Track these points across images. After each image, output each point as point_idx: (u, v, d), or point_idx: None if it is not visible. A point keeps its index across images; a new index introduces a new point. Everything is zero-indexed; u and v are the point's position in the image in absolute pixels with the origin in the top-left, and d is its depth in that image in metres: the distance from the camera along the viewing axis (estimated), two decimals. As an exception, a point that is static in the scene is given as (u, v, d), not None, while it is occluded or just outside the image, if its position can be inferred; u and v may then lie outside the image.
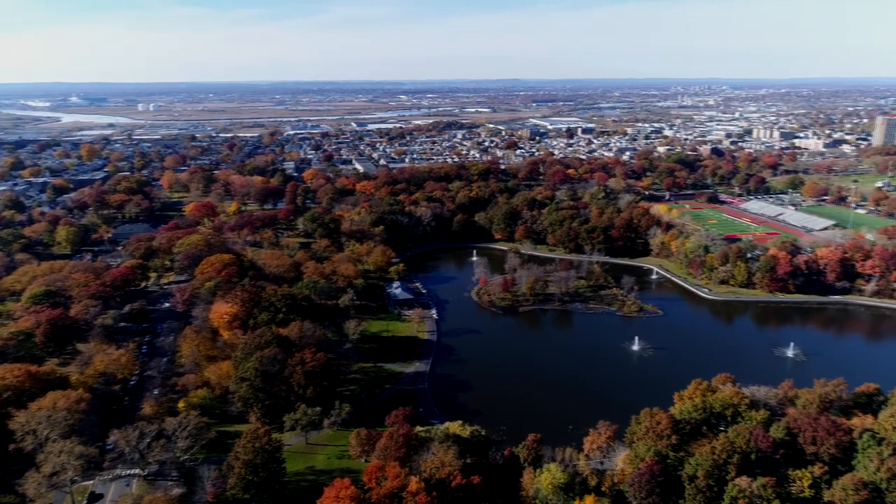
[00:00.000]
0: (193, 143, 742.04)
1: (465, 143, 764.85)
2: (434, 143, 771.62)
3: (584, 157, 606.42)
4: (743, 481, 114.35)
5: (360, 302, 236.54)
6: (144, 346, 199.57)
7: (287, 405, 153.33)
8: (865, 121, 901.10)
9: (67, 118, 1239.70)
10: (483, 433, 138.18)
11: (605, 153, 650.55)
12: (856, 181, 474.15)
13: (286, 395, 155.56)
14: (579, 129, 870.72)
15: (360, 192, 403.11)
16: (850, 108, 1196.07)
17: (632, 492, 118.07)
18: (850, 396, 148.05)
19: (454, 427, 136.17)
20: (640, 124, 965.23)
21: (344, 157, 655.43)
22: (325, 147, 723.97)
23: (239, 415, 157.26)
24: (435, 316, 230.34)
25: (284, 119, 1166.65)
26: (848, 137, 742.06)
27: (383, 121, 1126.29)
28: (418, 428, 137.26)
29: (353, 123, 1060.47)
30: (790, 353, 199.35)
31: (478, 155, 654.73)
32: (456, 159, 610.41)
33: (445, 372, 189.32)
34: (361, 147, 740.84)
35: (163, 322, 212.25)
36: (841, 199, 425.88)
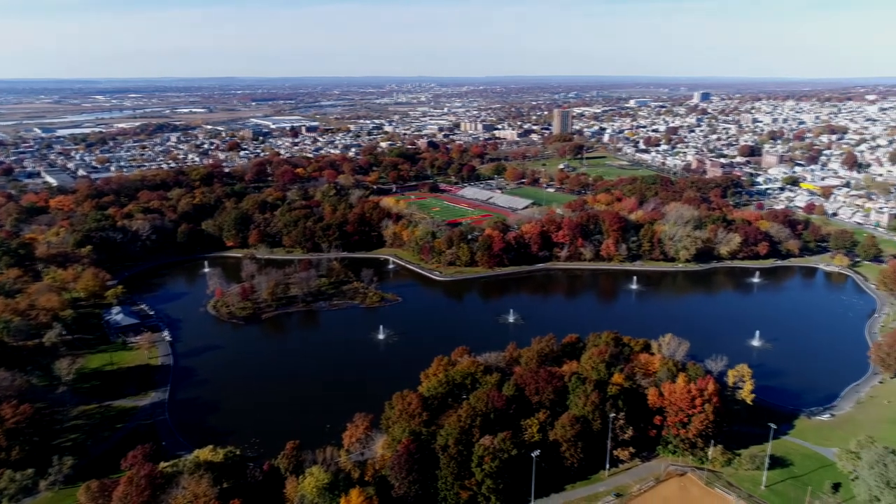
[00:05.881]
0: None
1: (181, 146, 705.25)
2: (144, 147, 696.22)
3: (311, 155, 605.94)
4: (486, 440, 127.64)
5: (72, 336, 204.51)
6: None
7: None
8: (546, 113, 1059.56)
9: None
10: (238, 452, 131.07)
11: (332, 150, 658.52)
12: (544, 165, 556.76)
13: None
14: (303, 128, 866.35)
15: (57, 208, 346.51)
16: (534, 103, 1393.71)
17: (393, 474, 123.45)
18: (559, 347, 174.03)
19: (204, 453, 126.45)
20: (361, 121, 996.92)
21: (29, 169, 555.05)
22: (2, 159, 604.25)
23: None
24: (168, 338, 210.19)
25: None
26: (535, 128, 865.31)
27: (77, 125, 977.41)
28: (163, 464, 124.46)
29: (36, 129, 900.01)
30: (511, 318, 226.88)
31: (197, 159, 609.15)
32: (173, 164, 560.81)
33: (188, 397, 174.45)
34: (52, 156, 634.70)
35: None
36: (535, 181, 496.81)
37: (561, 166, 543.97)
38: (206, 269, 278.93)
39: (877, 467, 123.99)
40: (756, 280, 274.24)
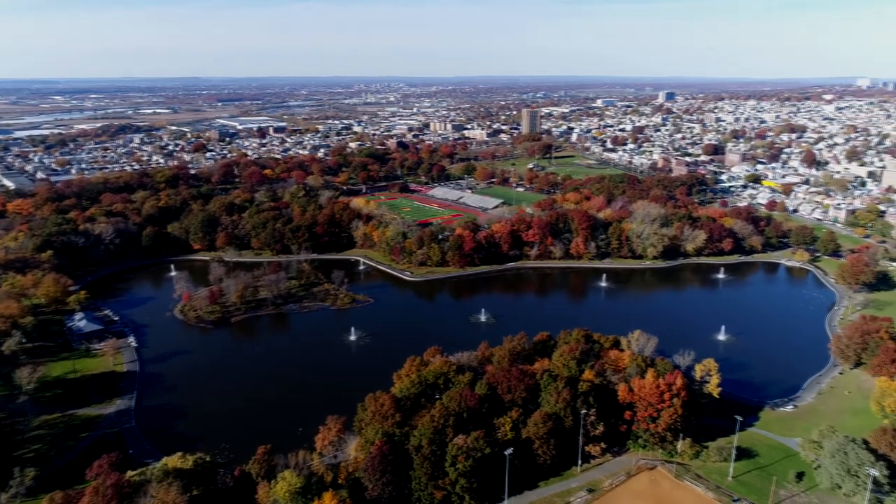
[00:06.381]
0: None
1: (145, 147, 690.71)
2: (107, 149, 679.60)
3: (279, 156, 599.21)
4: (460, 439, 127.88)
5: (32, 344, 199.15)
6: None
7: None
8: (514, 113, 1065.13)
9: None
10: (208, 459, 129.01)
11: (301, 151, 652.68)
12: (513, 164, 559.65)
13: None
14: (271, 129, 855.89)
15: (15, 212, 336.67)
16: (503, 102, 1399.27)
17: (366, 476, 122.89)
18: (530, 346, 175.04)
19: (173, 461, 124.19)
20: (330, 121, 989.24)
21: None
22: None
23: None
24: (134, 344, 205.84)
25: None
26: (504, 127, 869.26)
27: (35, 126, 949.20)
28: (130, 473, 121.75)
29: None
30: (483, 317, 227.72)
31: (162, 160, 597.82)
32: (136, 166, 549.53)
33: (155, 403, 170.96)
34: (9, 159, 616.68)
35: None
36: (504, 181, 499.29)
37: (530, 166, 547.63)
38: (173, 273, 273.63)
39: (838, 456, 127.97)
40: (721, 276, 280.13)
